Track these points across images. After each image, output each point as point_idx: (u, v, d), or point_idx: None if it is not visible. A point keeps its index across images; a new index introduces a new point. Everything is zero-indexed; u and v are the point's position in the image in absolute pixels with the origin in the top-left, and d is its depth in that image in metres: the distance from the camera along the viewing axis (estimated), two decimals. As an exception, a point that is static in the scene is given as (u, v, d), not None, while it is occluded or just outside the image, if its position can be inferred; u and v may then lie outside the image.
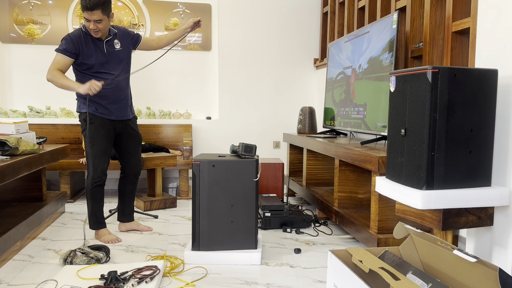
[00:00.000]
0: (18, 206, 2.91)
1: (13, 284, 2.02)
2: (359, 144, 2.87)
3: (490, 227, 1.76)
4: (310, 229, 2.99)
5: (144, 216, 3.31)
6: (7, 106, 4.29)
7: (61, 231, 2.87)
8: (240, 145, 2.36)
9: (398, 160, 1.77)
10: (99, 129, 2.61)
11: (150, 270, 2.04)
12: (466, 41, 2.42)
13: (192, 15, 4.53)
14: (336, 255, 1.73)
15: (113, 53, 2.60)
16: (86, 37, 2.55)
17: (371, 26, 2.99)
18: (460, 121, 1.63)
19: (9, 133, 2.68)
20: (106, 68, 2.58)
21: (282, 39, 4.69)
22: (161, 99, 4.57)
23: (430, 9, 2.62)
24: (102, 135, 2.61)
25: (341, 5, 4.14)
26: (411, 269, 1.55)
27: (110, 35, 2.61)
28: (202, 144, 4.61)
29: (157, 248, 2.55)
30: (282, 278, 2.12)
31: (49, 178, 4.24)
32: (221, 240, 2.32)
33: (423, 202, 1.59)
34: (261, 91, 4.69)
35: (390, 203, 2.32)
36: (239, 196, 2.31)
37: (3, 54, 4.24)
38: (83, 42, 2.53)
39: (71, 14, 4.30)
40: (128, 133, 2.75)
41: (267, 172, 3.77)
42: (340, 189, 2.86)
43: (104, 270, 2.06)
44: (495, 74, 1.67)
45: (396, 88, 1.79)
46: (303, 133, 3.91)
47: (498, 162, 1.74)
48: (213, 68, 4.63)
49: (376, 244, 2.25)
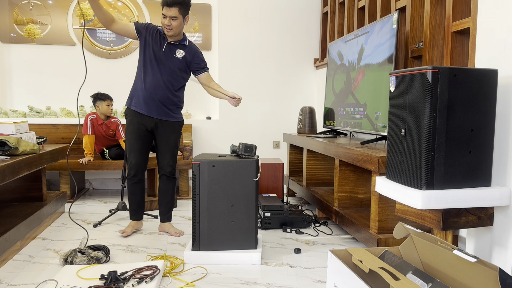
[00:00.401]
0: (18, 206, 2.91)
1: (13, 284, 2.02)
2: (359, 144, 2.87)
3: (490, 227, 1.76)
4: (310, 229, 2.99)
5: (144, 216, 3.31)
6: (7, 106, 4.29)
7: (61, 231, 2.87)
8: (240, 145, 2.36)
9: (398, 160, 1.77)
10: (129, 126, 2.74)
11: (150, 270, 2.04)
12: (466, 41, 2.42)
13: (192, 15, 4.53)
14: (336, 255, 1.73)
15: (169, 56, 2.65)
16: (157, 33, 2.65)
17: (371, 26, 2.99)
18: (460, 121, 1.63)
19: (9, 133, 2.68)
20: (155, 64, 2.63)
21: (282, 39, 4.69)
22: (161, 99, 4.57)
23: (430, 9, 2.62)
24: (131, 131, 2.73)
25: (341, 5, 4.14)
26: (411, 269, 1.55)
27: (179, 42, 2.67)
28: (202, 144, 4.61)
29: (157, 248, 2.55)
30: (282, 278, 2.12)
31: (49, 178, 4.24)
32: (221, 240, 2.32)
33: (423, 202, 1.59)
34: (261, 91, 4.69)
35: (390, 203, 2.32)
36: (239, 196, 2.31)
37: (3, 54, 4.24)
38: (153, 33, 2.64)
39: (71, 14, 4.30)
40: (160, 134, 2.76)
41: (267, 172, 3.77)
42: (340, 189, 2.86)
43: (104, 270, 2.06)
44: (495, 74, 1.67)
45: (396, 88, 1.79)
46: (303, 133, 3.91)
47: (498, 162, 1.74)
48: (213, 68, 4.63)
49: (376, 244, 2.25)
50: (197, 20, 4.56)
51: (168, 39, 2.65)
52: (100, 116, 3.82)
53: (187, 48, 2.71)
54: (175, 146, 2.80)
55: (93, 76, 4.39)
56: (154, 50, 2.63)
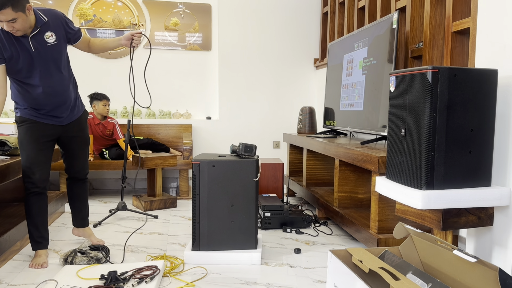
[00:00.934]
0: (18, 206, 2.91)
1: (13, 284, 2.02)
2: (359, 144, 2.87)
3: (490, 227, 1.76)
4: (310, 229, 2.99)
5: (144, 216, 3.32)
6: (7, 106, 4.29)
7: (61, 231, 2.87)
8: (240, 145, 2.36)
9: (398, 160, 1.77)
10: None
11: (150, 270, 2.04)
12: (466, 41, 2.42)
13: (192, 15, 4.53)
14: (336, 255, 1.73)
15: (45, 50, 2.13)
16: (8, 36, 2.05)
17: (371, 26, 2.99)
18: (460, 121, 1.63)
19: (9, 133, 2.68)
20: (37, 70, 2.12)
21: (282, 39, 4.69)
22: (161, 99, 4.57)
23: (430, 9, 2.62)
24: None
25: (341, 5, 4.14)
26: (411, 269, 1.55)
27: (37, 27, 2.09)
28: (202, 144, 4.61)
29: (157, 248, 2.55)
30: (282, 278, 2.12)
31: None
32: (221, 240, 2.32)
33: (423, 202, 1.59)
34: (261, 91, 4.69)
35: (390, 203, 2.32)
36: (239, 196, 2.31)
37: (3, 54, 4.24)
38: (5, 42, 2.04)
39: (71, 14, 4.29)
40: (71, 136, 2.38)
41: (267, 172, 3.77)
42: (340, 189, 2.86)
43: (104, 270, 2.06)
44: (495, 74, 1.67)
45: (396, 88, 1.79)
46: (303, 133, 3.91)
47: (498, 162, 1.74)
48: (213, 68, 4.63)
49: (376, 244, 2.24)
50: (197, 20, 4.57)
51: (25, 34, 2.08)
52: (97, 116, 3.82)
53: (50, 25, 2.15)
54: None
55: (93, 76, 4.39)
56: (24, 57, 2.10)
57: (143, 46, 4.47)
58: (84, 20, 4.32)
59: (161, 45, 4.51)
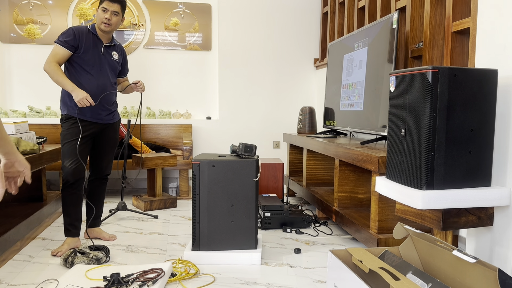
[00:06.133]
0: (18, 206, 2.91)
1: (13, 284, 2.02)
2: (359, 144, 2.87)
3: (490, 227, 1.76)
4: (310, 229, 2.99)
5: (144, 216, 3.32)
6: (7, 106, 4.29)
7: (61, 231, 2.87)
8: (240, 145, 2.36)
9: (398, 160, 1.77)
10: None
11: (155, 273, 2.02)
12: (466, 41, 2.42)
13: (192, 15, 4.53)
14: (336, 255, 1.73)
15: (108, 59, 2.60)
16: (89, 34, 2.54)
17: (371, 26, 2.99)
18: (460, 121, 1.63)
19: (9, 133, 2.68)
20: (96, 69, 2.54)
21: (282, 39, 4.69)
22: (161, 99, 4.57)
23: (430, 9, 2.62)
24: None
25: (341, 5, 4.14)
26: (411, 269, 1.55)
27: (112, 43, 2.64)
28: (202, 144, 4.61)
29: (157, 248, 2.55)
30: (282, 278, 2.12)
31: (49, 178, 4.24)
32: (221, 240, 2.32)
33: (423, 202, 1.59)
34: (261, 91, 4.69)
35: (390, 203, 2.32)
36: (239, 196, 2.31)
37: (3, 54, 4.24)
38: (85, 36, 2.52)
39: (71, 14, 4.29)
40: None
41: (267, 172, 3.77)
42: (340, 189, 2.86)
43: (112, 271, 2.04)
44: (495, 74, 1.67)
45: (396, 88, 1.79)
46: (303, 133, 3.91)
47: (498, 162, 1.74)
48: (213, 68, 4.63)
49: (376, 244, 2.25)
50: (197, 20, 4.56)
51: (104, 38, 2.58)
52: None
53: (117, 48, 2.69)
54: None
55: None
56: (94, 53, 2.54)
57: (143, 46, 4.47)
58: (84, 20, 4.32)
59: (161, 45, 4.51)
